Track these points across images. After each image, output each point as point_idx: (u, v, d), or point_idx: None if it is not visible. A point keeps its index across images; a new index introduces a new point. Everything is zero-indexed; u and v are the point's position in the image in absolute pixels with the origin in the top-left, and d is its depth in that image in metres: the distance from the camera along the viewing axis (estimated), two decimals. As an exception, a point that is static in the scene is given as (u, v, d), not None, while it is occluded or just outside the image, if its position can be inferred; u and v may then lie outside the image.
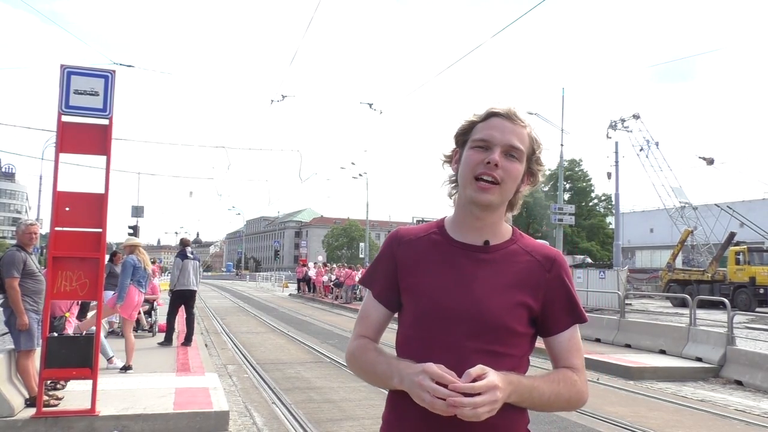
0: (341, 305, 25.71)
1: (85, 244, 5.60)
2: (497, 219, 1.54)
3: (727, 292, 25.41)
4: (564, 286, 1.52)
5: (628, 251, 51.28)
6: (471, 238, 1.53)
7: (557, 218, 28.74)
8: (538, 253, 1.53)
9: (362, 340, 1.60)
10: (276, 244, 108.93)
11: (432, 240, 1.56)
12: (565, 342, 1.52)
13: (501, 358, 1.43)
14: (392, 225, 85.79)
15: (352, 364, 1.62)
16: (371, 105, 24.34)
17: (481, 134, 1.49)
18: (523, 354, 1.51)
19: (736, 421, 6.98)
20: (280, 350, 12.12)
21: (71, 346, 5.67)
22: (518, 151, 1.48)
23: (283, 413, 6.85)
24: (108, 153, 5.74)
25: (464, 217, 1.54)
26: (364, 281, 1.65)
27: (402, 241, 1.59)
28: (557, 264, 1.52)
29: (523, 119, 1.52)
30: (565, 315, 1.52)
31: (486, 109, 1.53)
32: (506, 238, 1.55)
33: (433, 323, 1.46)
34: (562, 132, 29.17)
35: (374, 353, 1.54)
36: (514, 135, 1.48)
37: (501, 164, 1.46)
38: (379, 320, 1.61)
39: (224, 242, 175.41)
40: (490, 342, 1.43)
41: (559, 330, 1.52)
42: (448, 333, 1.44)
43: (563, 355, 1.52)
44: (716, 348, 10.09)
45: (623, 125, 33.37)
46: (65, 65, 5.66)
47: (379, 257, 1.63)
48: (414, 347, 1.48)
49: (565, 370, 1.50)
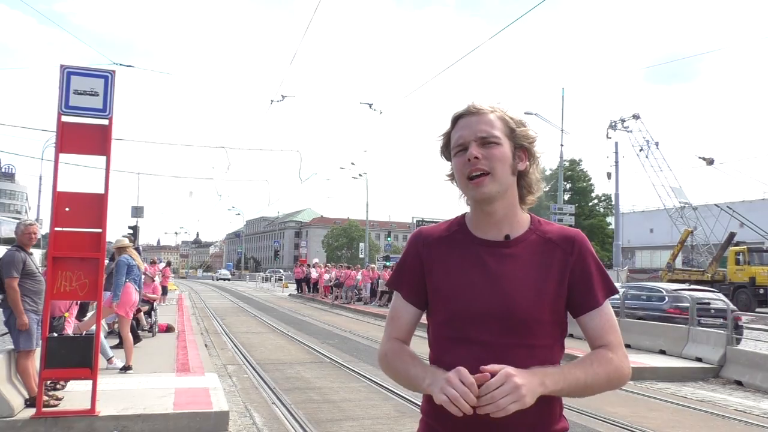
0: (341, 305, 25.71)
1: (85, 244, 5.59)
2: (510, 209, 1.55)
3: (727, 292, 25.41)
4: (587, 265, 1.54)
5: (628, 251, 51.29)
6: (492, 233, 1.56)
7: (557, 218, 28.75)
8: (557, 236, 1.55)
9: (395, 343, 1.63)
10: (276, 244, 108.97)
11: (455, 239, 1.59)
12: (597, 319, 1.53)
13: (535, 349, 1.47)
14: (392, 225, 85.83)
15: (385, 366, 1.64)
16: (371, 105, 24.43)
17: (454, 140, 1.55)
18: (555, 341, 1.53)
19: (735, 422, 6.98)
20: (280, 350, 12.12)
21: (71, 346, 5.67)
22: (493, 136, 1.51)
23: (283, 413, 6.85)
24: (108, 153, 5.73)
25: (478, 216, 1.57)
26: (392, 284, 1.67)
27: (426, 241, 1.62)
28: (578, 243, 1.54)
29: (487, 107, 1.54)
30: (592, 292, 1.53)
31: (452, 116, 1.58)
32: (525, 227, 1.57)
33: (465, 322, 1.49)
34: (562, 132, 29.25)
35: (408, 356, 1.57)
36: (482, 124, 1.51)
37: (482, 154, 1.49)
38: (409, 321, 1.64)
39: (224, 242, 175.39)
40: (523, 336, 1.46)
41: (589, 308, 1.53)
42: (481, 331, 1.47)
43: (597, 333, 1.53)
44: (716, 348, 10.09)
45: (623, 125, 33.43)
46: (65, 65, 5.66)
47: (404, 258, 1.66)
48: (448, 346, 1.51)
49: (599, 350, 1.51)
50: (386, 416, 6.77)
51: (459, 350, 1.48)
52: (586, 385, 1.45)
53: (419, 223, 41.20)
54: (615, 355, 1.50)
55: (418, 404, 2.00)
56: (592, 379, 1.45)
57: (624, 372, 1.51)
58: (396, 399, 7.54)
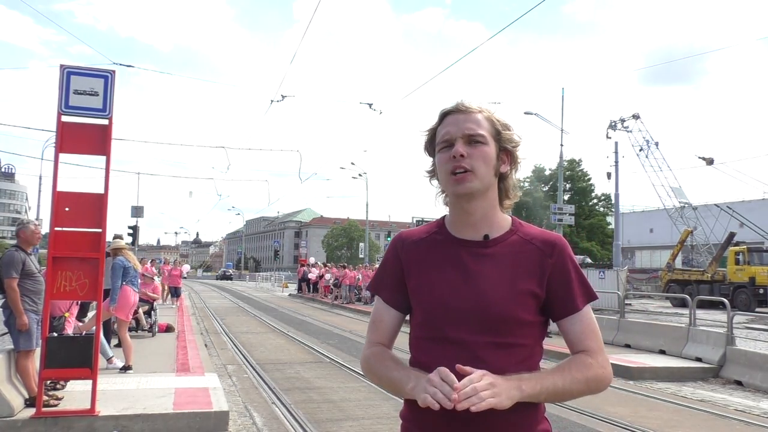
0: (341, 305, 25.71)
1: (84, 244, 5.59)
2: (489, 209, 1.56)
3: (727, 292, 25.41)
4: (567, 269, 1.54)
5: (628, 251, 51.24)
6: (470, 233, 1.56)
7: (557, 218, 28.77)
8: (538, 239, 1.55)
9: (377, 348, 1.62)
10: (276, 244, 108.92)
11: (434, 240, 1.60)
12: (577, 324, 1.53)
13: (512, 348, 1.46)
14: (392, 225, 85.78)
15: (367, 371, 1.64)
16: (371, 105, 24.31)
17: (440, 135, 1.55)
18: (535, 342, 1.53)
19: (735, 421, 6.98)
20: (280, 350, 12.12)
21: (71, 346, 5.67)
22: (479, 135, 1.51)
23: (282, 413, 6.85)
24: (108, 153, 5.73)
25: (457, 215, 1.58)
26: (373, 287, 1.67)
27: (405, 243, 1.63)
28: (558, 247, 1.54)
29: (475, 106, 1.56)
30: (572, 297, 1.53)
31: (439, 112, 1.59)
32: (506, 229, 1.57)
33: (442, 321, 1.49)
34: (562, 132, 29.21)
35: (390, 361, 1.56)
36: (469, 122, 1.52)
37: (467, 152, 1.49)
38: (391, 325, 1.63)
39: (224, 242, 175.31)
40: (500, 334, 1.46)
41: (568, 312, 1.53)
42: (458, 330, 1.47)
43: (576, 338, 1.53)
44: (716, 348, 10.08)
45: (623, 125, 33.37)
46: (65, 65, 5.67)
47: (385, 262, 1.66)
48: (425, 347, 1.51)
49: (578, 355, 1.51)
50: (386, 416, 6.77)
51: (436, 350, 1.48)
52: (564, 391, 1.45)
53: (419, 222, 41.15)
54: (594, 361, 1.50)
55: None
56: (569, 384, 1.45)
57: (604, 377, 1.51)
58: (396, 399, 7.54)
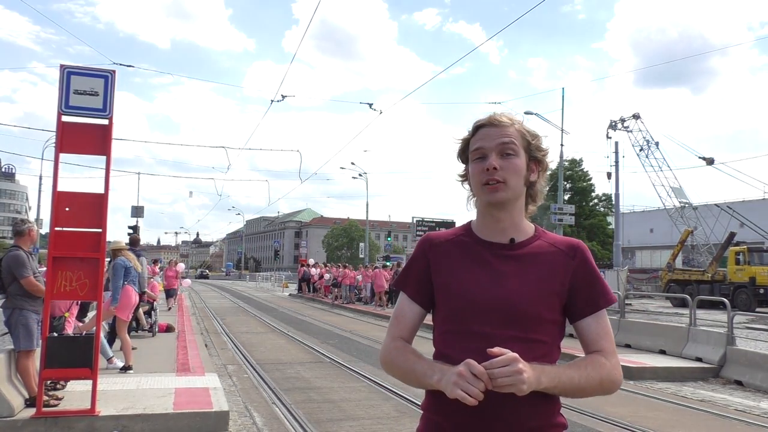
0: (341, 305, 25.72)
1: (84, 244, 5.59)
2: (517, 217, 1.65)
3: (727, 292, 25.43)
4: (589, 272, 1.62)
5: (628, 251, 51.23)
6: (497, 237, 1.64)
7: (557, 218, 28.73)
8: (561, 243, 1.65)
9: (399, 342, 1.68)
10: (276, 244, 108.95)
11: (461, 241, 1.68)
12: (593, 325, 1.60)
13: (533, 344, 1.53)
14: (392, 225, 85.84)
15: (388, 364, 1.68)
16: (371, 105, 24.29)
17: (474, 147, 1.64)
18: (554, 341, 1.59)
19: (736, 422, 6.98)
20: (280, 350, 12.12)
21: (71, 346, 5.67)
22: (512, 148, 1.60)
23: (283, 413, 6.85)
24: (108, 153, 5.74)
25: (487, 221, 1.66)
26: (398, 284, 1.74)
27: (433, 243, 1.71)
28: (580, 251, 1.63)
29: (507, 120, 1.63)
30: (591, 299, 1.60)
31: (473, 125, 1.68)
32: (530, 235, 1.66)
33: (467, 316, 1.56)
34: (562, 132, 29.19)
35: (412, 354, 1.62)
36: (502, 136, 1.61)
37: (499, 165, 1.58)
38: (413, 320, 1.69)
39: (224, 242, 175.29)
40: (522, 330, 1.53)
41: (586, 314, 1.60)
42: (482, 324, 1.54)
43: (592, 338, 1.60)
44: (716, 348, 10.08)
45: (623, 125, 33.39)
46: (65, 65, 5.67)
47: (412, 260, 1.74)
48: (451, 340, 1.58)
49: (593, 355, 1.58)
50: (386, 416, 6.77)
51: (461, 343, 1.54)
52: (580, 387, 1.52)
53: (419, 222, 41.21)
54: (608, 362, 1.57)
55: (418, 404, 2.02)
56: (585, 381, 1.52)
57: (616, 378, 1.58)
58: (396, 399, 7.54)
